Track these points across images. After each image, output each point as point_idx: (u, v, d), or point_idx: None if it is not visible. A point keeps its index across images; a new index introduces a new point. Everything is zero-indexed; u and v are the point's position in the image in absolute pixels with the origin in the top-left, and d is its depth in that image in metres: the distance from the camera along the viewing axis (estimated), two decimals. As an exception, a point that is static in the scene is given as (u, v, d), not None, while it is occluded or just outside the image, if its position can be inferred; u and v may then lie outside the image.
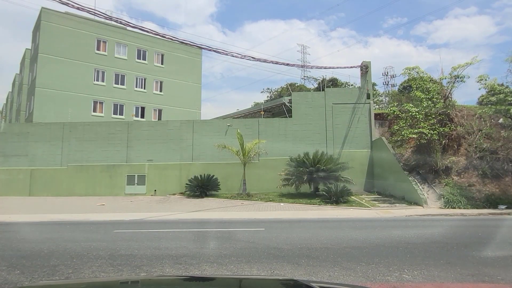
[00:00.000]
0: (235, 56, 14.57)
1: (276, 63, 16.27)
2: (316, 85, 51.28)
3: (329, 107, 24.94)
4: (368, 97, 25.13)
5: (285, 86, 55.04)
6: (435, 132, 17.61)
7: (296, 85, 55.30)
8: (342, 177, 20.48)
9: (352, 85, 43.87)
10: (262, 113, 27.22)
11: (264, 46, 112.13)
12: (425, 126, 17.71)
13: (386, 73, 67.18)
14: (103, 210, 16.45)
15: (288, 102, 26.01)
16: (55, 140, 24.59)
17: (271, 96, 55.51)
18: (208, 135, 24.54)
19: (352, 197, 18.59)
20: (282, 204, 18.18)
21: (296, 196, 20.29)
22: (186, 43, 13.34)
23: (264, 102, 47.10)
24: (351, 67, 24.69)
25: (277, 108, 28.37)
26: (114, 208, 17.40)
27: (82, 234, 9.01)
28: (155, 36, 16.55)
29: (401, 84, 52.77)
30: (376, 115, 25.99)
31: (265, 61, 16.83)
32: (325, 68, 19.47)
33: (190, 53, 40.68)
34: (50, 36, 31.94)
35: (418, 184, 17.52)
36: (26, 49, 41.29)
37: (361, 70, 25.75)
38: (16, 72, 51.55)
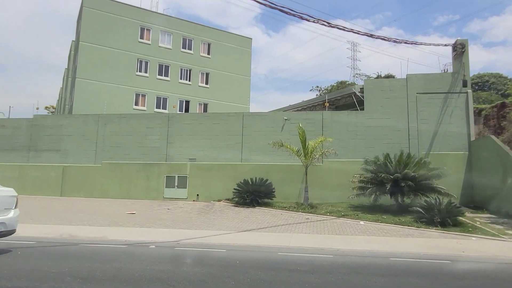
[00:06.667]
0: (307, 20, 10.27)
1: (350, 30, 11.76)
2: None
3: (412, 98, 19.79)
4: (465, 84, 19.62)
5: (335, 85, 50.54)
6: None
7: (346, 83, 50.37)
8: (439, 187, 15.39)
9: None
10: (327, 105, 22.56)
11: (307, 46, 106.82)
12: None
13: (445, 70, 59.95)
14: (130, 221, 12.89)
15: (359, 92, 21.18)
16: (89, 134, 21.84)
17: (320, 95, 50.88)
18: (261, 131, 20.42)
19: (461, 217, 13.42)
20: (361, 222, 13.51)
21: (375, 211, 15.51)
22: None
23: (322, 93, 41.94)
24: (445, 45, 19.34)
25: (343, 99, 23.59)
26: (145, 218, 13.79)
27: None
28: None
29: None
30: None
31: (343, 28, 12.38)
32: (405, 43, 14.62)
33: (239, 42, 37.08)
34: (91, 23, 29.73)
35: None
36: (72, 41, 40.03)
37: (454, 50, 20.24)
38: (65, 67, 51.29)
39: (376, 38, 13.83)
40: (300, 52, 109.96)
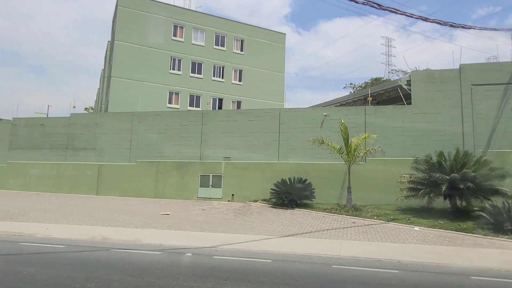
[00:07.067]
0: (355, 1, 9.05)
1: (403, 13, 10.41)
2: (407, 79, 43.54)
3: (467, 90, 17.93)
4: (528, 74, 17.50)
5: (369, 81, 48.37)
6: None
7: (382, 79, 47.99)
8: (504, 189, 13.62)
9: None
10: (370, 99, 21.03)
11: (338, 44, 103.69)
12: None
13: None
14: (164, 223, 12.25)
15: (405, 85, 19.53)
16: (123, 132, 21.64)
17: (354, 92, 49.02)
18: (299, 128, 19.32)
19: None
20: (416, 228, 12.11)
21: (427, 214, 13.97)
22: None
23: (356, 90, 39.91)
24: (507, 29, 17.36)
25: (386, 94, 21.94)
26: (180, 220, 13.12)
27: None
28: None
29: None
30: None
31: (395, 11, 11.04)
32: (462, 27, 12.87)
33: (272, 37, 36.01)
34: (126, 22, 29.77)
35: None
36: (108, 41, 40.62)
37: (515, 37, 18.13)
38: (102, 68, 52.41)
39: (432, 21, 12.32)
40: (331, 50, 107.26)
